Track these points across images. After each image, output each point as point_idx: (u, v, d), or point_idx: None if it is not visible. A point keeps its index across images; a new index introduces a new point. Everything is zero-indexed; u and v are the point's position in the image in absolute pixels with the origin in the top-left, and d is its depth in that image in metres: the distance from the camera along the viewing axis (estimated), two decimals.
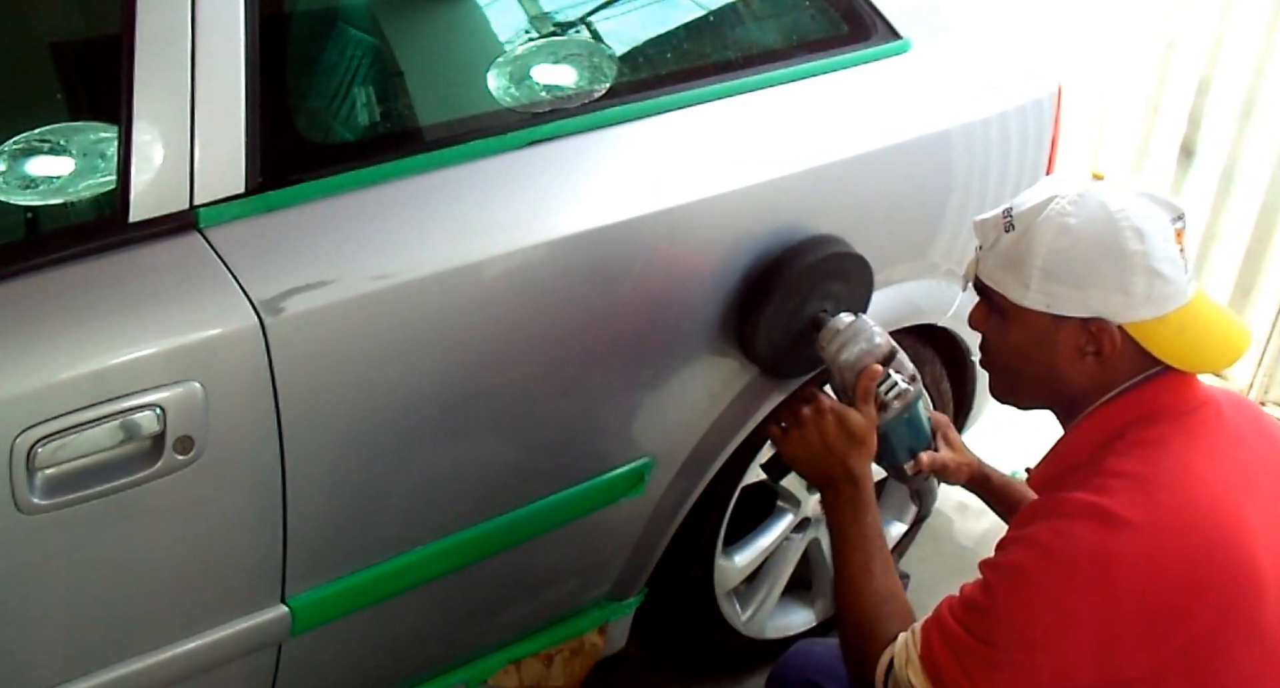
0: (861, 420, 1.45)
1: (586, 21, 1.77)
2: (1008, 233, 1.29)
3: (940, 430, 1.64)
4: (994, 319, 1.34)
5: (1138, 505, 1.16)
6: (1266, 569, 1.15)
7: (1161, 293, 1.24)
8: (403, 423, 1.43)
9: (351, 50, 1.59)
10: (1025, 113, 1.96)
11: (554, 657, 1.87)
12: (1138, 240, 1.22)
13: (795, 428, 1.46)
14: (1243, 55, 2.89)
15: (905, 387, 1.51)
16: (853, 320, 1.55)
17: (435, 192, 1.44)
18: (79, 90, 1.49)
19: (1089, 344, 1.26)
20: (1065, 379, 1.30)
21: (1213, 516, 1.16)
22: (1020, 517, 1.27)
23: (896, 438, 1.56)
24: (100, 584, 1.30)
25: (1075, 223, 1.24)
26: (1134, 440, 1.24)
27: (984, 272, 1.33)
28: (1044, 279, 1.25)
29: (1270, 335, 2.97)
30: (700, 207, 1.58)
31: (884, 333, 1.55)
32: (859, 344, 1.52)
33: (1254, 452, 1.28)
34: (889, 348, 1.53)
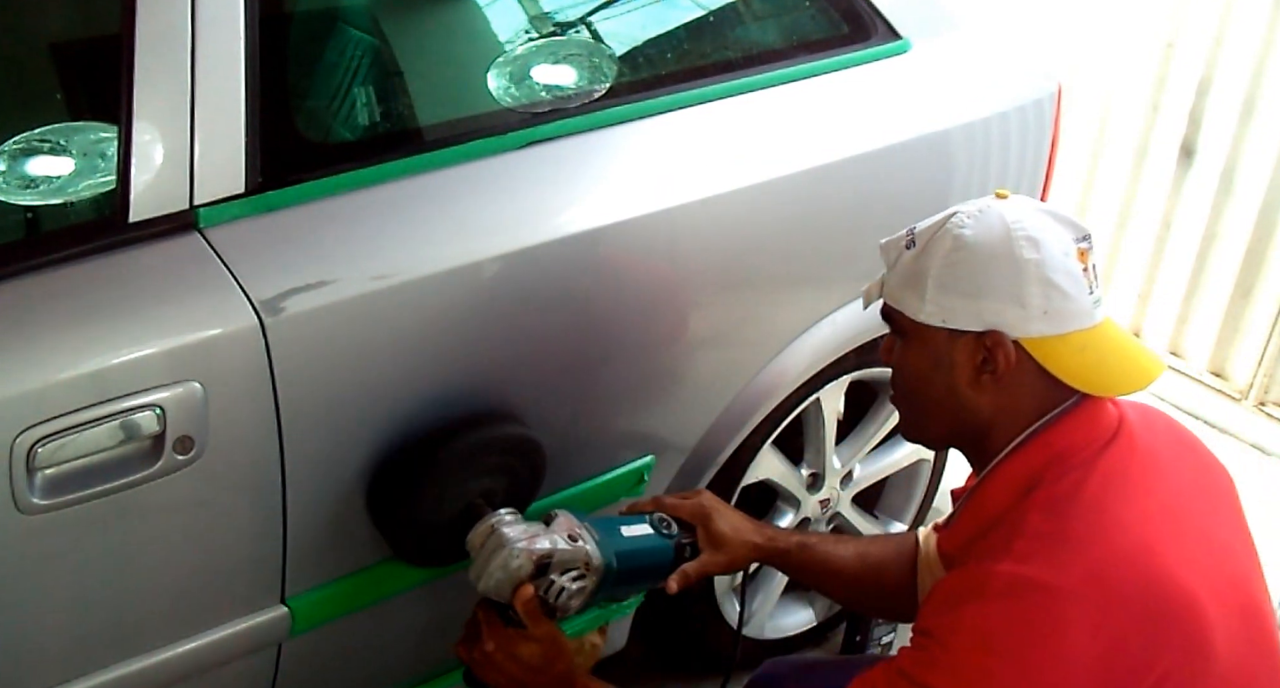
0: (534, 648, 1.32)
1: (586, 21, 1.77)
2: (908, 250, 1.27)
3: (700, 525, 1.47)
4: (898, 344, 1.31)
5: (1063, 571, 1.12)
6: (1204, 599, 1.12)
7: (1060, 308, 1.20)
8: (401, 424, 1.43)
9: (351, 50, 1.59)
10: (1025, 113, 1.96)
11: None
12: (1032, 249, 1.19)
13: (476, 668, 1.36)
14: (1243, 55, 2.89)
15: (575, 586, 1.34)
16: (489, 535, 1.34)
17: (435, 192, 1.44)
18: (79, 90, 1.49)
19: (985, 362, 1.22)
20: (967, 405, 1.25)
21: (1138, 563, 1.13)
22: (942, 595, 1.20)
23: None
24: (100, 584, 1.30)
25: (970, 234, 1.22)
26: (1049, 493, 1.19)
27: (886, 292, 1.30)
28: (939, 291, 1.23)
29: (1270, 335, 2.97)
30: (700, 206, 1.58)
31: (530, 536, 1.33)
32: (494, 573, 1.32)
33: (1171, 468, 1.26)
34: (536, 557, 1.31)
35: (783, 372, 1.79)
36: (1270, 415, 3.01)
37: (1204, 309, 3.13)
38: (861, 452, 2.08)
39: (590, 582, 1.36)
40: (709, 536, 1.47)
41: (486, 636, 1.34)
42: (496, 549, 1.33)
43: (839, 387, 1.95)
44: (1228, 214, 3.01)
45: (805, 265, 1.76)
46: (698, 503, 1.49)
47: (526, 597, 1.31)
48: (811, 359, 1.82)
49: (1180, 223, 3.13)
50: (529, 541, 1.33)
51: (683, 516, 1.48)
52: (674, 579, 1.44)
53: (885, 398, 2.08)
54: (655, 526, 1.45)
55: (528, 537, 1.33)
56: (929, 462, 2.21)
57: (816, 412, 1.95)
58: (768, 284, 1.73)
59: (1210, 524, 1.23)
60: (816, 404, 1.93)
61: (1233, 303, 3.04)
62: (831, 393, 1.94)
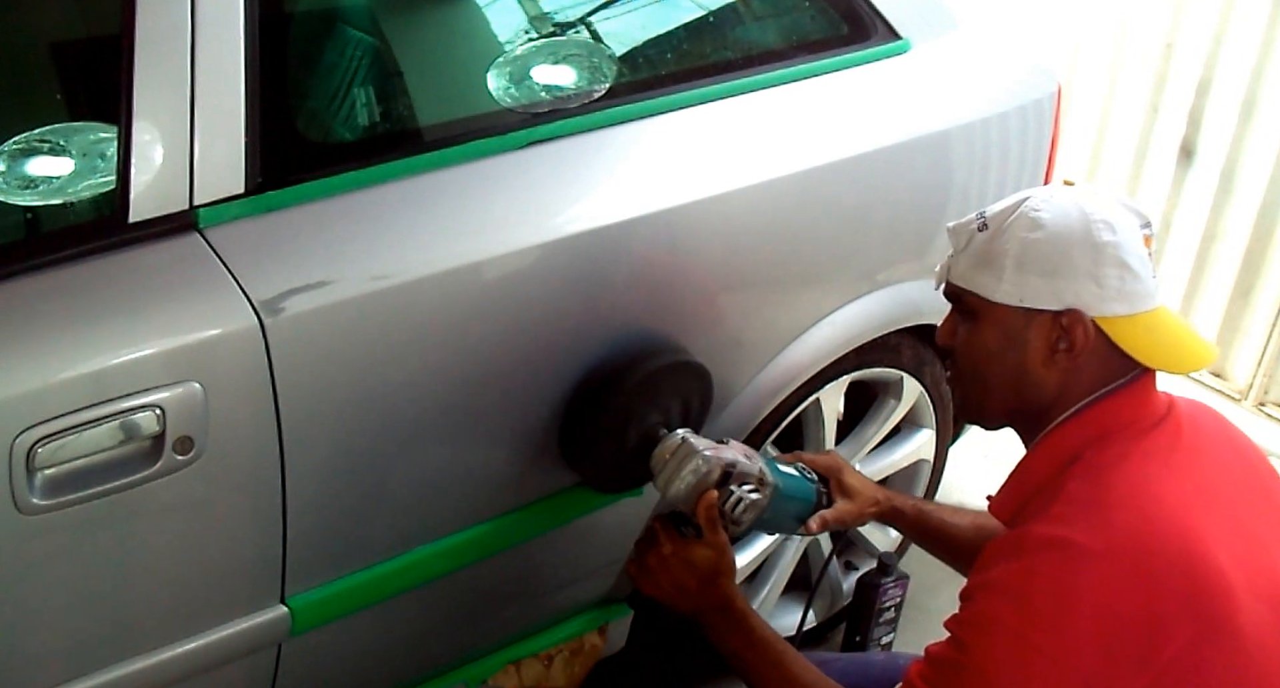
0: (708, 554, 1.41)
1: (586, 21, 1.77)
2: (980, 233, 1.30)
3: (833, 477, 1.59)
4: (964, 326, 1.33)
5: (1096, 532, 1.15)
6: (1234, 579, 1.14)
7: (1133, 289, 1.24)
8: (402, 423, 1.43)
9: (351, 50, 1.59)
10: (1025, 113, 1.96)
11: (554, 657, 1.87)
12: (1110, 232, 1.23)
13: (644, 575, 1.44)
14: (1242, 55, 2.89)
15: (752, 497, 1.43)
16: (678, 446, 1.45)
17: (435, 192, 1.44)
18: (79, 90, 1.49)
19: (1061, 340, 1.25)
20: (1035, 382, 1.28)
21: (1171, 533, 1.15)
22: (983, 559, 1.24)
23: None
24: (100, 584, 1.30)
25: (1047, 217, 1.25)
26: (1091, 463, 1.23)
27: (956, 274, 1.32)
28: (1017, 271, 1.25)
29: (1270, 335, 2.97)
30: (700, 206, 1.58)
31: (715, 449, 1.44)
32: (685, 477, 1.42)
33: (1216, 461, 1.28)
34: (722, 466, 1.42)
35: (782, 372, 1.79)
36: (1270, 416, 3.01)
37: (1204, 309, 3.13)
38: (861, 452, 2.08)
39: (764, 496, 1.45)
40: (841, 486, 1.59)
41: (665, 539, 1.42)
42: (688, 457, 1.43)
43: (839, 387, 1.95)
44: (1227, 214, 3.01)
45: (805, 266, 1.76)
46: (831, 458, 1.63)
47: (711, 501, 1.40)
48: (811, 359, 1.81)
49: (1180, 223, 3.13)
50: (715, 451, 1.43)
51: (818, 468, 1.59)
52: (814, 521, 1.55)
53: (885, 398, 2.08)
54: (800, 471, 1.57)
55: (713, 449, 1.44)
56: (929, 462, 2.21)
57: (816, 412, 1.95)
58: (768, 284, 1.73)
59: (1250, 517, 1.24)
60: (816, 404, 1.93)
61: (1232, 303, 3.04)
62: (831, 393, 1.94)
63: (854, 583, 2.05)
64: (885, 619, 2.06)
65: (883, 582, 2.01)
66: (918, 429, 2.16)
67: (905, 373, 2.02)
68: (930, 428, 2.16)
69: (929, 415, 2.14)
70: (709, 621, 1.42)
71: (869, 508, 1.59)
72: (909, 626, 2.07)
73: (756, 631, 1.39)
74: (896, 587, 2.02)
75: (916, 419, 2.14)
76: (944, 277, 1.35)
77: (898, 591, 2.03)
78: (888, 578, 2.01)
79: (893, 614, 2.06)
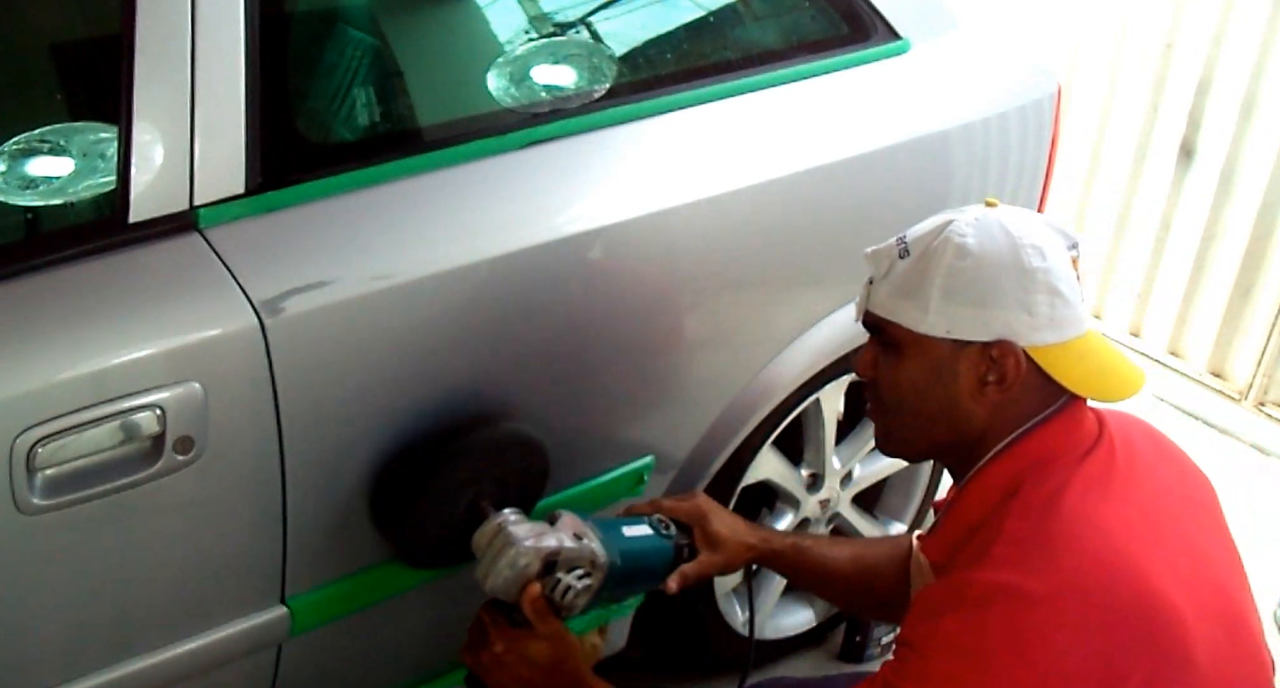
0: (543, 646, 1.32)
1: (586, 21, 1.77)
2: (902, 259, 1.23)
3: (697, 527, 1.48)
4: (886, 357, 1.27)
5: (1043, 576, 1.10)
6: (1185, 608, 1.11)
7: (1064, 316, 1.19)
8: (402, 423, 1.43)
9: (351, 50, 1.59)
10: (1025, 113, 1.96)
11: None
12: (1039, 258, 1.18)
13: (482, 673, 1.35)
14: (1242, 55, 2.89)
15: (582, 584, 1.33)
16: (495, 534, 1.34)
17: (435, 192, 1.44)
18: (79, 90, 1.49)
19: (991, 372, 1.20)
20: (964, 416, 1.23)
21: (1120, 569, 1.11)
22: (925, 606, 1.19)
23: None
24: (100, 584, 1.30)
25: (974, 242, 1.19)
26: (1029, 498, 1.18)
27: (877, 303, 1.26)
28: (944, 301, 1.19)
29: (1270, 335, 2.97)
30: (700, 207, 1.58)
31: (537, 534, 1.33)
32: (502, 571, 1.31)
33: (1151, 476, 1.24)
34: (543, 555, 1.31)
35: (782, 372, 1.79)
36: (1270, 416, 3.01)
37: (1203, 309, 3.13)
38: (861, 452, 2.08)
39: (595, 580, 1.36)
40: (706, 536, 1.47)
41: (494, 637, 1.33)
42: (504, 548, 1.32)
43: (839, 387, 1.95)
44: (1227, 214, 3.01)
45: (805, 266, 1.76)
46: (694, 505, 1.49)
47: (534, 595, 1.31)
48: (811, 359, 1.81)
49: (1180, 223, 3.13)
50: (536, 539, 1.33)
51: (680, 517, 1.48)
52: (673, 579, 1.44)
53: None
54: (654, 527, 1.45)
55: (534, 535, 1.33)
56: (928, 462, 2.21)
57: (816, 412, 1.95)
58: (767, 285, 1.73)
59: (1191, 532, 1.22)
60: (816, 404, 1.93)
61: (1232, 303, 3.04)
62: (831, 393, 1.94)
63: None
64: None
65: None
66: None
67: None
68: None
69: None
70: None
71: (740, 555, 1.49)
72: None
73: None
74: None
75: None
76: (863, 307, 1.29)
77: None
78: None
79: None
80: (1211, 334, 3.11)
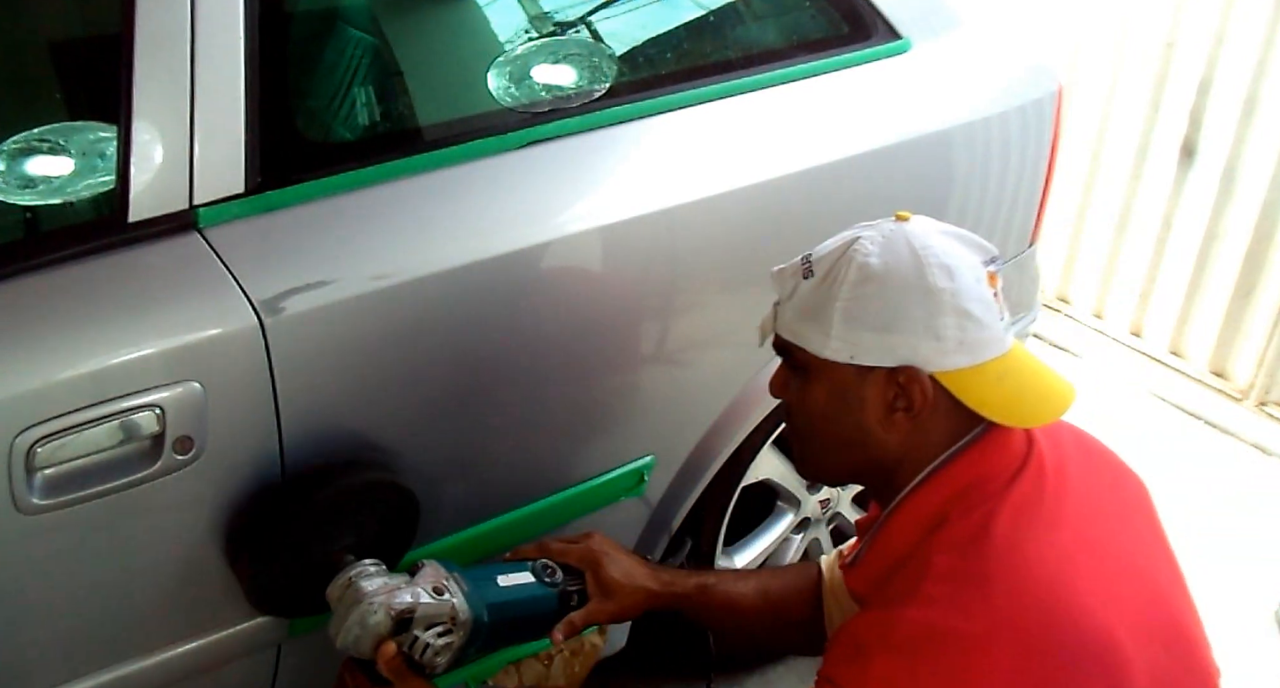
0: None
1: (586, 21, 1.77)
2: (806, 279, 1.19)
3: (590, 572, 1.38)
4: (796, 381, 1.22)
5: (976, 615, 1.06)
6: (1121, 633, 1.07)
7: (976, 338, 1.14)
8: (402, 423, 1.43)
9: (351, 50, 1.59)
10: (1025, 113, 1.96)
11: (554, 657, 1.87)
12: (946, 278, 1.13)
13: None
14: (1243, 55, 2.89)
15: (441, 642, 1.24)
16: (345, 588, 1.26)
17: (435, 192, 1.44)
18: (79, 90, 1.49)
19: (898, 398, 1.15)
20: (877, 443, 1.18)
21: (1053, 601, 1.07)
22: (848, 642, 1.13)
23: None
24: (100, 584, 1.30)
25: (877, 262, 1.14)
26: (956, 530, 1.13)
27: (782, 325, 1.21)
28: (846, 325, 1.14)
29: (1271, 335, 2.97)
30: (700, 206, 1.58)
31: (390, 591, 1.24)
32: (351, 629, 1.23)
33: (1083, 491, 1.19)
34: (396, 613, 1.22)
35: None
36: (1271, 415, 3.01)
37: (1205, 309, 3.12)
38: None
39: (458, 637, 1.26)
40: (599, 582, 1.38)
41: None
42: (354, 604, 1.24)
43: None
44: (1228, 214, 3.01)
45: None
46: (587, 548, 1.40)
47: (389, 654, 1.22)
48: None
49: (1180, 223, 3.13)
50: (388, 595, 1.23)
51: (570, 561, 1.39)
52: (559, 630, 1.35)
53: None
54: (538, 573, 1.36)
55: (387, 591, 1.24)
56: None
57: None
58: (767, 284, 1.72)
59: (1126, 544, 1.18)
60: None
61: (1233, 303, 3.04)
62: None
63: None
64: None
65: None
66: None
67: None
68: None
69: None
70: None
71: (636, 603, 1.38)
72: None
73: None
74: None
75: None
76: (769, 328, 1.24)
77: None
78: None
79: None
80: (1213, 334, 3.11)
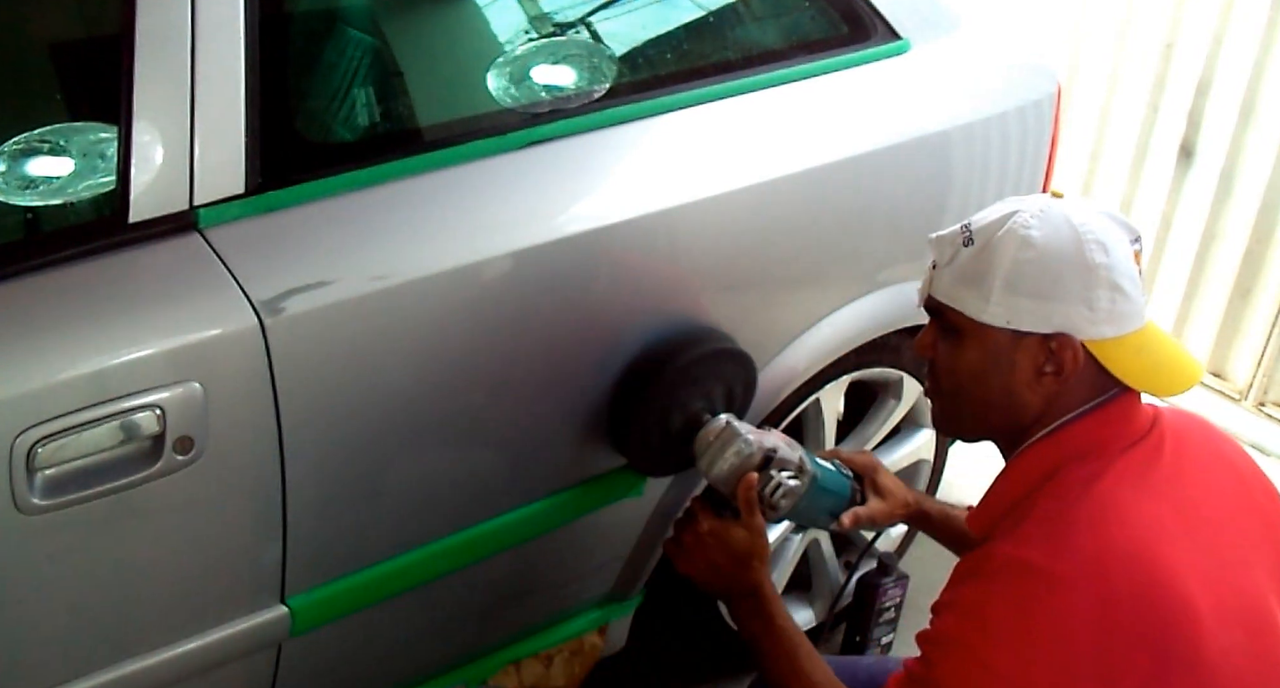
0: (744, 536, 1.42)
1: (586, 21, 1.77)
2: (966, 247, 1.25)
3: (867, 476, 1.59)
4: (946, 342, 1.29)
5: (1056, 556, 1.13)
6: (1202, 605, 1.11)
7: (1124, 310, 1.21)
8: (402, 423, 1.43)
9: (351, 50, 1.59)
10: (1025, 113, 1.96)
11: (554, 657, 1.87)
12: (1102, 253, 1.20)
13: (681, 552, 1.46)
14: (1242, 55, 2.89)
15: (791, 484, 1.46)
16: (722, 429, 1.49)
17: (435, 192, 1.44)
18: (79, 90, 1.49)
19: (1049, 363, 1.22)
20: (1020, 403, 1.25)
21: (1134, 559, 1.12)
22: (953, 576, 1.24)
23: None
24: (100, 584, 1.30)
25: (1039, 235, 1.21)
26: (1063, 481, 1.21)
27: (939, 289, 1.28)
28: (1006, 292, 1.21)
29: (1270, 335, 2.97)
30: (700, 206, 1.58)
31: (758, 434, 1.48)
32: (728, 458, 1.46)
33: (1199, 477, 1.24)
34: (764, 450, 1.46)
35: (782, 372, 1.79)
36: (1270, 416, 3.01)
37: (1203, 309, 3.13)
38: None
39: (803, 484, 1.47)
40: (875, 486, 1.59)
41: (703, 517, 1.44)
42: (730, 439, 1.46)
43: (839, 387, 1.95)
44: (1227, 214, 3.01)
45: (805, 266, 1.76)
46: (867, 457, 1.62)
47: (750, 483, 1.42)
48: (811, 359, 1.81)
49: (1180, 223, 3.13)
50: (758, 436, 1.47)
51: (854, 466, 1.59)
52: (847, 516, 1.55)
53: (885, 398, 2.08)
54: (838, 467, 1.57)
55: (756, 433, 1.48)
56: (929, 462, 2.21)
57: (816, 412, 1.95)
58: (768, 284, 1.73)
59: (1232, 537, 1.21)
60: (816, 404, 1.93)
61: (1232, 303, 3.04)
62: (831, 393, 1.94)
63: (854, 583, 2.06)
64: (885, 619, 2.06)
65: (883, 582, 2.01)
66: (918, 429, 2.16)
67: (905, 373, 2.03)
68: (930, 428, 2.16)
69: (929, 415, 2.14)
70: (736, 603, 1.43)
71: (899, 509, 1.59)
72: (909, 626, 2.07)
73: (778, 619, 1.39)
74: (896, 587, 2.03)
75: (916, 419, 2.15)
76: (926, 291, 1.31)
77: (898, 591, 2.03)
78: (888, 578, 2.01)
79: (893, 614, 2.06)
80: (1211, 334, 3.11)
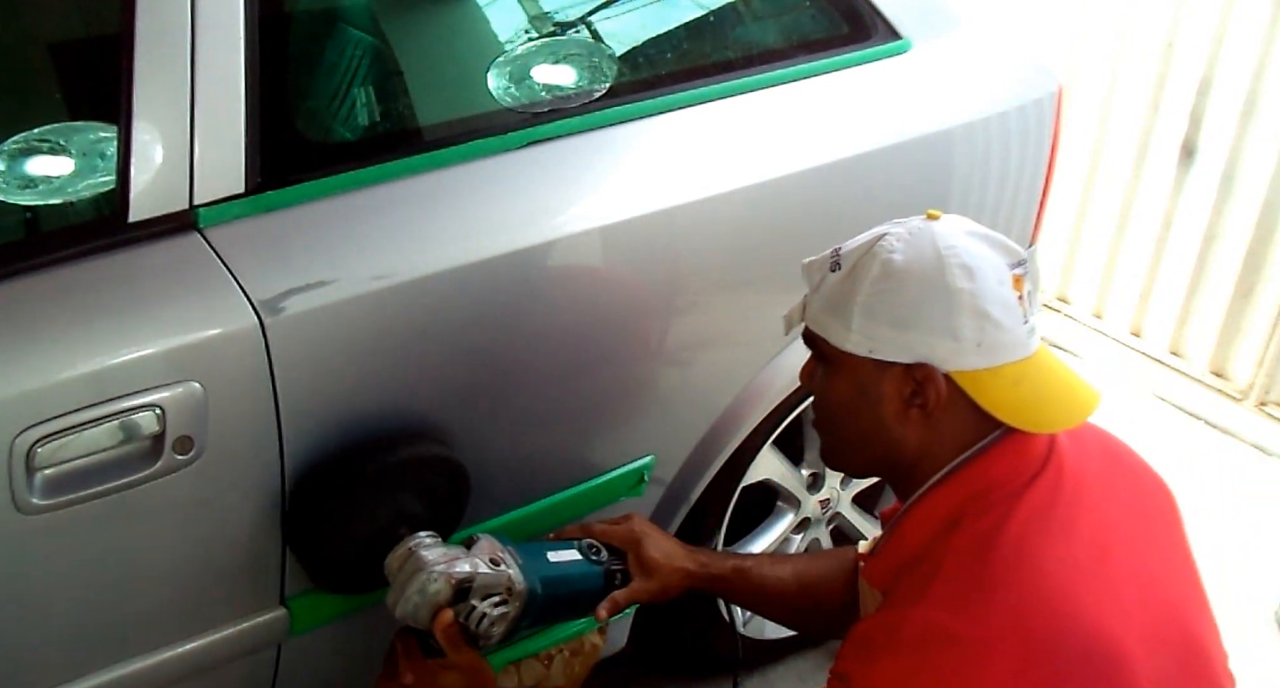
0: (456, 678, 1.28)
1: (586, 21, 1.77)
2: (833, 272, 1.21)
3: (631, 552, 1.44)
4: (820, 371, 1.25)
5: (979, 620, 1.07)
6: (1129, 644, 1.07)
7: (994, 340, 1.15)
8: (402, 423, 1.43)
9: (351, 50, 1.59)
10: (1025, 113, 1.96)
11: (554, 657, 1.87)
12: (966, 278, 1.14)
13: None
14: (1243, 55, 2.89)
15: (497, 612, 1.28)
16: (406, 558, 1.29)
17: (435, 192, 1.44)
18: (79, 90, 1.49)
19: (914, 395, 1.17)
20: (894, 438, 1.20)
21: (1057, 611, 1.07)
22: (859, 640, 1.15)
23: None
24: (100, 585, 1.30)
25: (900, 259, 1.16)
26: (970, 533, 1.14)
27: (810, 316, 1.24)
28: (866, 320, 1.17)
29: (1271, 335, 2.97)
30: (700, 206, 1.58)
31: (449, 561, 1.28)
32: (411, 597, 1.26)
33: (1103, 499, 1.19)
34: (455, 583, 1.26)
35: (782, 372, 1.79)
36: (1271, 415, 3.01)
37: (1205, 309, 3.12)
38: None
39: (513, 608, 1.30)
40: (640, 562, 1.44)
41: (405, 668, 1.29)
42: (414, 573, 1.27)
43: None
44: (1228, 214, 3.01)
45: None
46: (628, 529, 1.46)
47: (446, 622, 1.26)
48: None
49: (1180, 223, 3.13)
50: (448, 564, 1.27)
51: (613, 541, 1.45)
52: (603, 607, 1.41)
53: None
54: (584, 552, 1.42)
55: (446, 560, 1.28)
56: None
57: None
58: (768, 284, 1.73)
59: (1143, 555, 1.18)
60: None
61: (1233, 303, 3.04)
62: None
63: None
64: None
65: None
66: None
67: None
68: None
69: None
70: None
71: (675, 582, 1.45)
72: None
73: None
74: None
75: None
76: (797, 318, 1.27)
77: None
78: None
79: None
80: (1213, 334, 3.11)
